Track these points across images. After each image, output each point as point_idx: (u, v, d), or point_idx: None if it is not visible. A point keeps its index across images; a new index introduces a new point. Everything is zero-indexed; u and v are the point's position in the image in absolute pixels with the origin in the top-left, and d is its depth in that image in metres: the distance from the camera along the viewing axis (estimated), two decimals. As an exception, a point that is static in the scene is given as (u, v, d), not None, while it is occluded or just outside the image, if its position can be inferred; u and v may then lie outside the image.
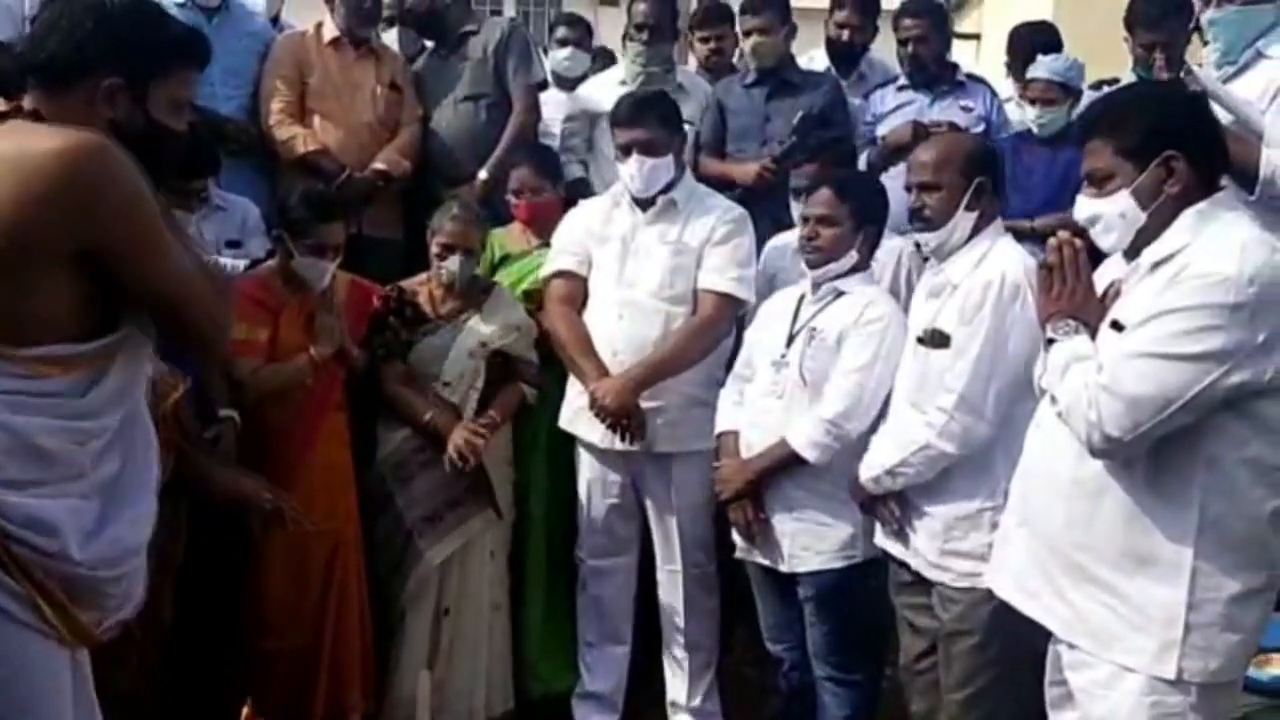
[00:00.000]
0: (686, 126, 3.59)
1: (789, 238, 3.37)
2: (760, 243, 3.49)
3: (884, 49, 4.73)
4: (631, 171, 3.31)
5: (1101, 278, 2.26)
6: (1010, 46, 4.58)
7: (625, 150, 3.32)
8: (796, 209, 3.28)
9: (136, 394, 1.92)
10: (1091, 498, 2.14)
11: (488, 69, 4.15)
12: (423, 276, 3.46)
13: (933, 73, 4.20)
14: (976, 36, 10.01)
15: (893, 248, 3.38)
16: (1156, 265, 2.10)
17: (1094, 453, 2.09)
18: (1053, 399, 2.18)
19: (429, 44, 4.39)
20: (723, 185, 3.83)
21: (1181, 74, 3.16)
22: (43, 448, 1.74)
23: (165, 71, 1.83)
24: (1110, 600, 2.12)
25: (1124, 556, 2.10)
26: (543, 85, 4.31)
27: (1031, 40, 4.40)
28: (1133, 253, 2.18)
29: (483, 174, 4.01)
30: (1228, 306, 1.96)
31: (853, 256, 3.04)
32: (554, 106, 4.39)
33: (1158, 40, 3.74)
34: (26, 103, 1.80)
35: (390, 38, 4.53)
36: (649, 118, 3.31)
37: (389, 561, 3.35)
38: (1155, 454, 2.07)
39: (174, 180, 2.72)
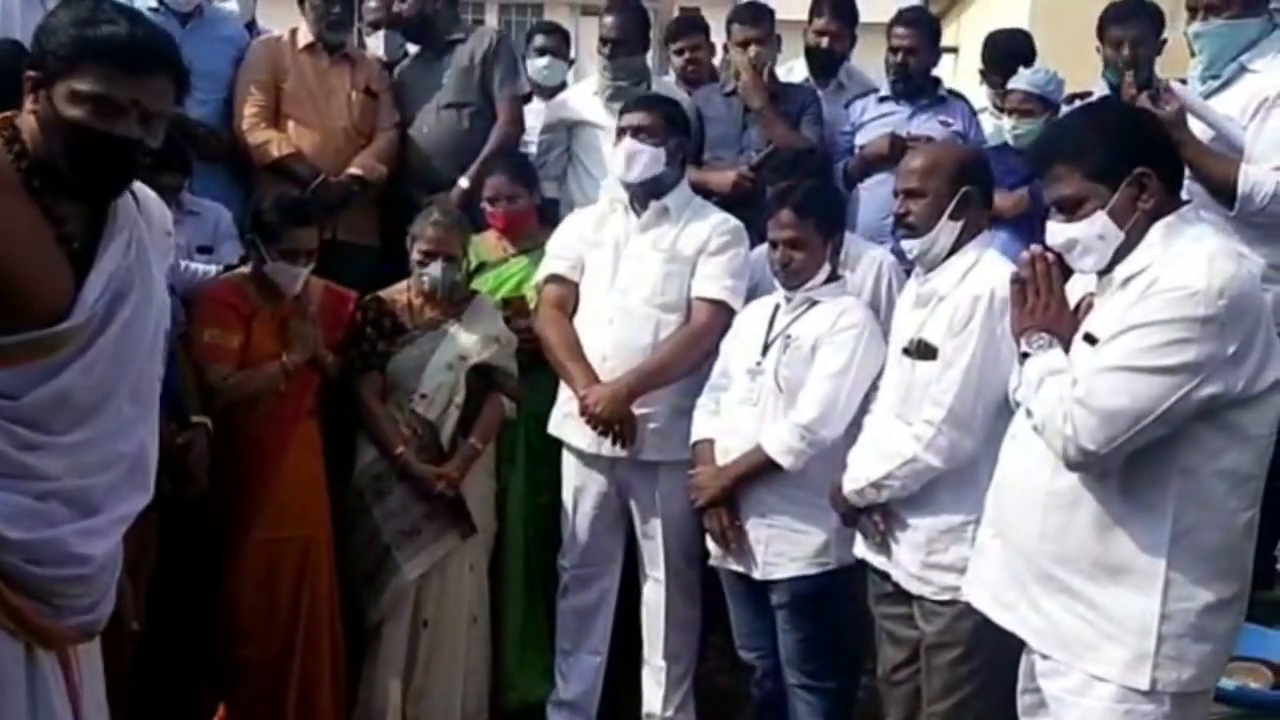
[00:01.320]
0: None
1: (764, 251, 3.35)
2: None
3: (862, 61, 4.74)
4: (620, 153, 3.31)
5: (1073, 291, 2.27)
6: (985, 53, 4.60)
7: (621, 136, 3.33)
8: None
9: (115, 414, 1.91)
10: (1066, 509, 2.14)
11: (473, 78, 4.15)
12: (402, 285, 3.44)
13: (917, 85, 4.21)
14: (954, 50, 10.08)
15: (873, 258, 3.38)
16: (1128, 280, 2.11)
17: (1070, 466, 2.10)
18: (1028, 412, 2.19)
19: (414, 49, 4.38)
20: (700, 193, 3.82)
21: (1160, 90, 3.18)
22: None
23: (70, 65, 1.80)
24: (1083, 610, 2.12)
25: (1098, 567, 2.11)
26: (527, 98, 4.30)
27: (1007, 47, 4.44)
28: (1105, 267, 2.20)
29: (463, 182, 4.00)
30: (1199, 319, 1.97)
31: (825, 269, 3.06)
32: (532, 116, 4.39)
33: (1127, 36, 3.79)
34: None
35: (376, 41, 4.52)
36: (653, 107, 3.35)
37: (364, 573, 3.32)
38: (1130, 465, 2.08)
39: (143, 174, 2.66)
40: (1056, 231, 2.19)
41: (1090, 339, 2.14)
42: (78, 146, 1.81)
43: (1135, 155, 2.13)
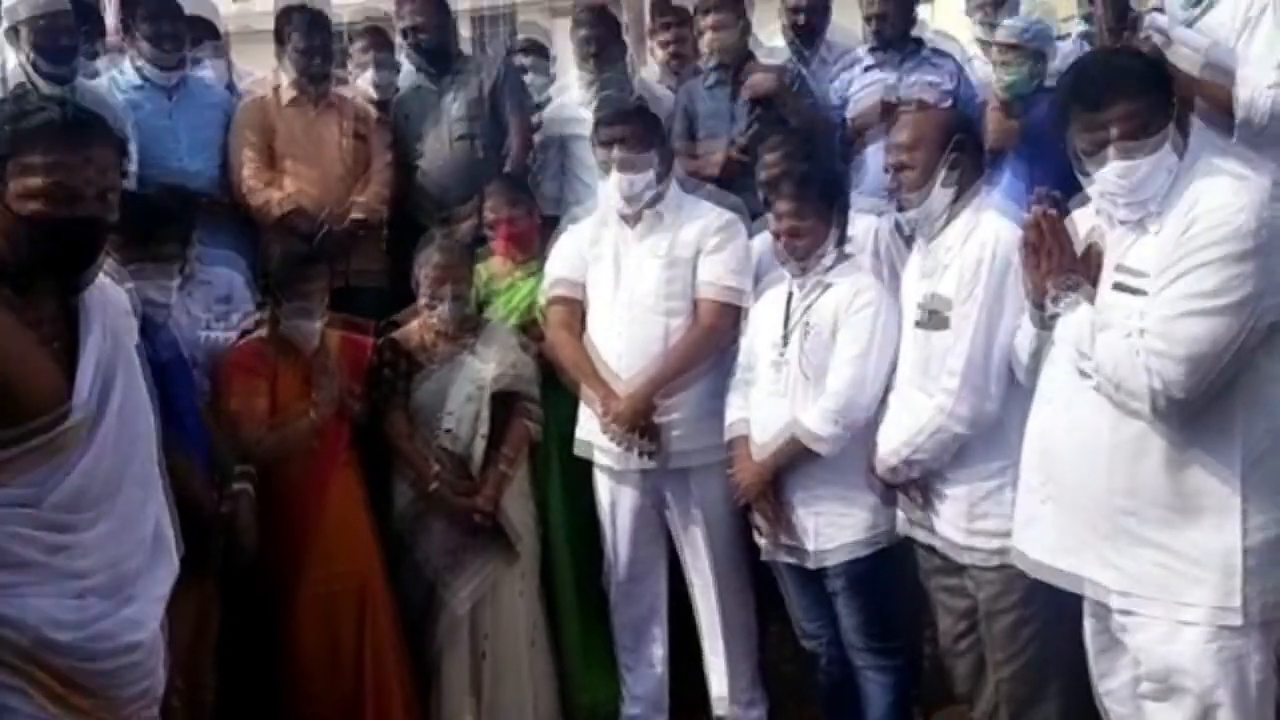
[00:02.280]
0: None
1: (769, 236, 3.34)
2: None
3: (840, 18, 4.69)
4: (614, 188, 3.31)
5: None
6: None
7: (606, 167, 3.32)
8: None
9: (127, 500, 1.96)
10: (1133, 459, 2.15)
11: (484, 107, 4.18)
12: (414, 322, 3.46)
13: (898, 47, 4.18)
14: (930, -4, 9.95)
15: (867, 226, 3.36)
16: (1156, 221, 2.13)
17: (1159, 415, 2.10)
18: (1081, 371, 2.18)
19: (400, 84, 4.41)
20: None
21: (1145, 24, 3.15)
22: (10, 553, 1.80)
23: (18, 163, 1.84)
24: (1165, 557, 2.14)
25: (1173, 512, 2.13)
26: (536, 123, 4.31)
27: None
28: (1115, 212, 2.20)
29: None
30: (1248, 252, 2.01)
31: (832, 249, 3.06)
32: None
33: None
34: None
35: (365, 81, 4.54)
36: (628, 133, 3.31)
37: (417, 609, 3.35)
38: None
39: (140, 247, 2.73)
40: (1123, 169, 2.15)
41: (1128, 288, 2.14)
42: (44, 238, 1.84)
43: (1171, 89, 2.18)
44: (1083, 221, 2.30)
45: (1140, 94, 2.15)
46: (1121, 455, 2.16)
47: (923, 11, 4.88)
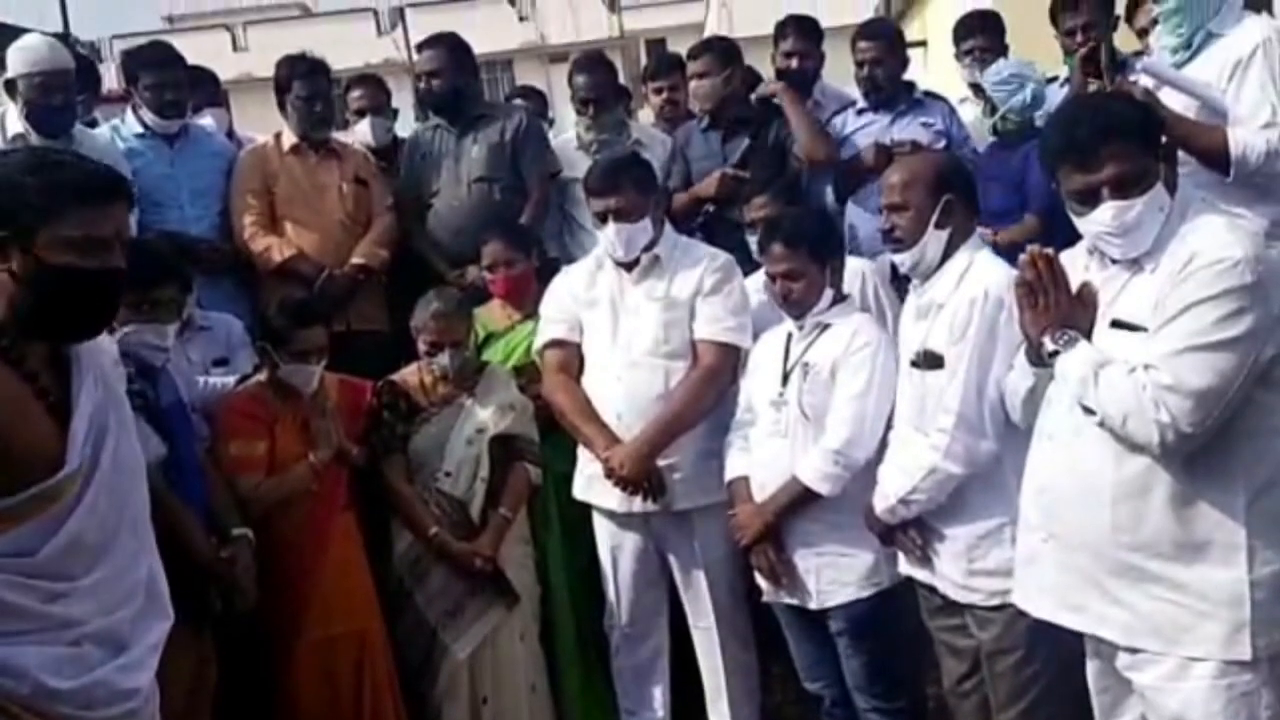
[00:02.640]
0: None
1: (760, 279, 3.32)
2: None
3: (834, 64, 4.76)
4: (611, 238, 3.32)
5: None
6: (956, 37, 4.58)
7: (602, 217, 3.33)
8: (753, 243, 3.34)
9: (121, 548, 1.97)
10: (1137, 497, 2.15)
11: (505, 155, 4.21)
12: (413, 367, 3.47)
13: (890, 93, 4.23)
14: (923, 43, 10.08)
15: (853, 270, 3.38)
16: (1152, 260, 2.15)
17: (1165, 450, 2.10)
18: (1086, 409, 2.19)
19: (398, 132, 4.43)
20: (694, 209, 3.95)
21: (1138, 68, 3.19)
22: (7, 602, 1.80)
23: (52, 215, 1.85)
24: (1172, 594, 2.13)
25: (1180, 548, 2.13)
26: (554, 174, 4.34)
27: (973, 28, 4.45)
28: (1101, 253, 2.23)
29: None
30: (1248, 287, 2.04)
31: (829, 293, 3.08)
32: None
33: (1076, 24, 3.83)
34: None
35: (364, 129, 4.59)
36: (622, 184, 3.30)
37: (417, 657, 3.33)
38: None
39: (139, 292, 2.74)
40: (1116, 210, 2.16)
41: (1126, 325, 2.16)
42: (74, 290, 1.87)
43: (1160, 131, 2.22)
44: (1071, 263, 2.32)
45: (1131, 142, 2.17)
46: (1125, 492, 2.16)
47: (914, 62, 4.97)
